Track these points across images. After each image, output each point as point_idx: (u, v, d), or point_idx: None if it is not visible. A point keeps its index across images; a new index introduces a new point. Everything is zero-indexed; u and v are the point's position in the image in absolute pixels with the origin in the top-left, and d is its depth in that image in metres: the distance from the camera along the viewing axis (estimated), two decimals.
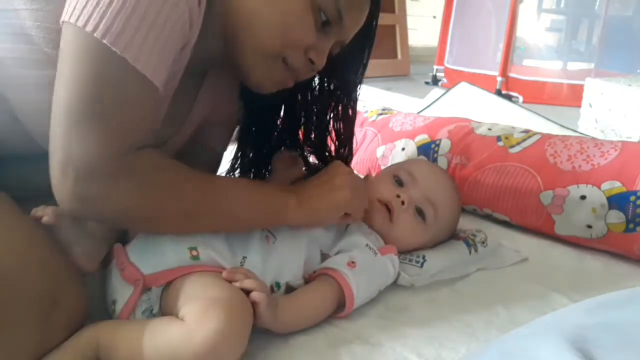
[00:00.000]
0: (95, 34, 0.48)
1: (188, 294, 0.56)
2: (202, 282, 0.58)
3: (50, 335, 0.51)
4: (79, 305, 0.56)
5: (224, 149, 0.89)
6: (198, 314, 0.53)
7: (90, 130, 0.50)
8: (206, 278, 0.58)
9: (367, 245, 0.72)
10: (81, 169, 0.50)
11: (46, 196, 0.65)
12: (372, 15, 0.70)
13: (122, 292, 0.60)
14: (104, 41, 0.48)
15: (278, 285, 0.67)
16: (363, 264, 0.69)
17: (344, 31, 0.65)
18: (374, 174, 0.89)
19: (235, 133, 0.89)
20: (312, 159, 0.89)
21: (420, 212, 0.77)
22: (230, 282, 0.59)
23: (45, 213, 0.58)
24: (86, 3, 0.49)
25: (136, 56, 0.50)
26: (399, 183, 0.79)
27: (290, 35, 0.61)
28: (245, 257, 0.64)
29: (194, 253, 0.61)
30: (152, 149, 0.55)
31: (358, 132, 1.24)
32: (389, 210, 0.76)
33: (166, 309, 0.58)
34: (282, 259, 0.67)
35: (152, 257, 0.60)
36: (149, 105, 0.54)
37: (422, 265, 0.76)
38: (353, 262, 0.68)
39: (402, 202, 0.76)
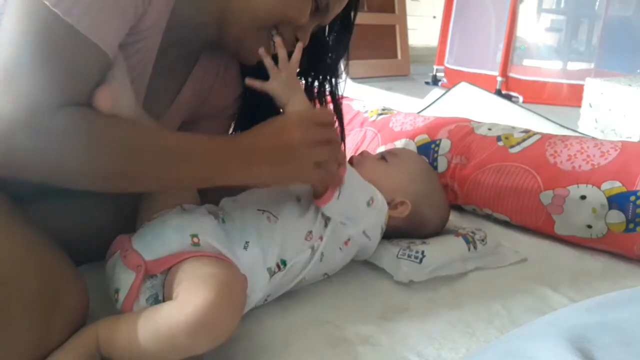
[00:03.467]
0: None
1: (182, 276, 0.57)
2: (196, 264, 0.58)
3: (50, 335, 0.51)
4: (79, 304, 0.55)
5: None
6: (189, 289, 0.53)
7: (18, 85, 0.50)
8: (201, 260, 0.59)
9: None
10: (7, 124, 0.49)
11: (45, 195, 0.66)
12: (351, 7, 0.77)
13: (124, 280, 0.59)
14: None
15: (284, 263, 0.67)
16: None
17: (326, 17, 0.72)
18: None
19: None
20: None
21: (382, 158, 0.87)
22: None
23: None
24: None
25: (68, 10, 0.50)
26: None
27: (289, 14, 0.67)
28: (248, 242, 0.65)
29: (195, 240, 0.61)
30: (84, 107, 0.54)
31: (358, 132, 1.25)
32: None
33: (168, 295, 0.58)
34: (285, 237, 0.68)
35: (154, 243, 0.61)
36: (83, 62, 0.53)
37: (421, 261, 0.77)
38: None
39: (361, 154, 0.89)
